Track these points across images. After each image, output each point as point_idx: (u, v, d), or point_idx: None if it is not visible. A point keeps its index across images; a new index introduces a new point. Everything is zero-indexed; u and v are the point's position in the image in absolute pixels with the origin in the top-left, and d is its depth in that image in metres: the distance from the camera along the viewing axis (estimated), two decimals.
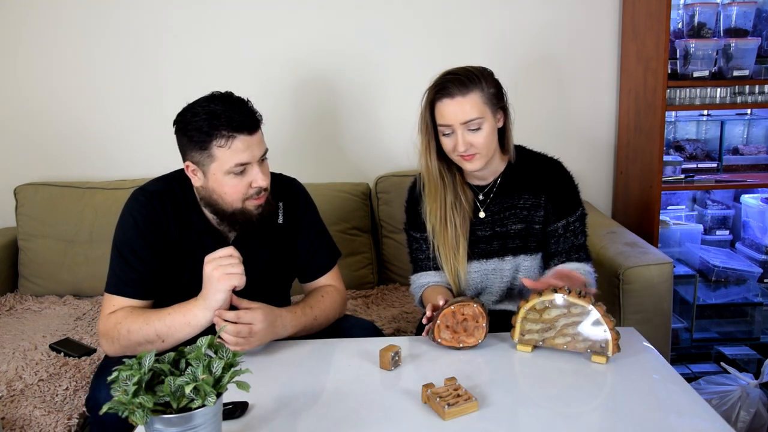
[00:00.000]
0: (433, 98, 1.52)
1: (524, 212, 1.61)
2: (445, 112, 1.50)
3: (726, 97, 2.29)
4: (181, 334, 1.38)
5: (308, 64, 2.47)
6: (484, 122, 1.50)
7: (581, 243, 1.61)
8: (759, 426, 1.99)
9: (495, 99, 1.52)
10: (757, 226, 2.48)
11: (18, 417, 1.54)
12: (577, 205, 1.62)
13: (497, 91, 1.54)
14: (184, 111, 1.44)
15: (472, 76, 1.50)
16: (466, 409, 1.15)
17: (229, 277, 1.32)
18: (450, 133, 1.51)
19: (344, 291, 1.66)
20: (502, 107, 1.55)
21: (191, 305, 1.37)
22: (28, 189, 2.39)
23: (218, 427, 1.02)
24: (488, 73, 1.54)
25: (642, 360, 1.35)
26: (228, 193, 1.43)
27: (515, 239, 1.61)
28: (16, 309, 2.24)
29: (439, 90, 1.50)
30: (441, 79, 1.52)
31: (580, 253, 1.60)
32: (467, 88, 1.48)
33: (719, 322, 2.40)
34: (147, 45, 2.45)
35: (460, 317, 1.39)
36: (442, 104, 1.50)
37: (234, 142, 1.39)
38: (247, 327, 1.34)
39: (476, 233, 1.63)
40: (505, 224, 1.61)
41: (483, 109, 1.49)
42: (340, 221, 2.32)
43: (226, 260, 1.33)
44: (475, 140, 1.50)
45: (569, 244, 1.60)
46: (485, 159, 1.53)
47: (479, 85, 1.49)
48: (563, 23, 2.48)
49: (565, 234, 1.60)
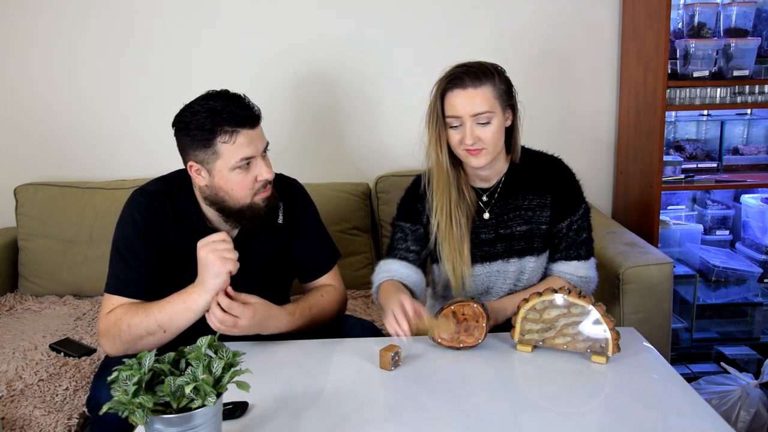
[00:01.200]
0: (444, 89, 1.50)
1: (529, 213, 1.59)
2: (456, 103, 1.48)
3: (726, 97, 2.29)
4: (181, 322, 1.38)
5: (308, 64, 2.47)
6: (494, 117, 1.49)
7: (582, 239, 1.60)
8: (759, 426, 1.99)
9: (506, 96, 1.52)
10: (757, 226, 2.48)
11: (18, 417, 1.54)
12: (581, 201, 1.61)
13: (508, 88, 1.53)
14: (183, 111, 1.44)
15: (485, 70, 1.49)
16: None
17: (225, 260, 1.32)
18: (458, 126, 1.50)
19: (344, 291, 1.67)
20: (512, 106, 1.55)
21: (190, 291, 1.38)
22: (28, 189, 2.39)
23: (218, 427, 1.02)
24: (501, 70, 1.54)
25: (642, 360, 1.35)
26: (235, 189, 1.44)
27: (520, 241, 1.60)
28: (16, 309, 2.24)
29: (452, 80, 1.49)
30: (453, 70, 1.50)
31: (579, 250, 1.59)
32: (480, 80, 1.47)
33: (719, 322, 2.40)
34: (147, 45, 2.45)
35: (460, 317, 1.39)
36: (453, 95, 1.48)
37: (238, 137, 1.40)
38: (232, 319, 1.34)
39: (480, 236, 1.61)
40: (509, 226, 1.60)
41: (494, 104, 1.48)
42: (340, 221, 2.31)
43: (221, 245, 1.34)
44: (483, 134, 1.48)
45: (570, 241, 1.59)
46: (491, 156, 1.52)
47: (492, 78, 1.49)
48: (563, 23, 2.48)
49: (568, 233, 1.59)
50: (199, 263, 1.35)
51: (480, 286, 1.63)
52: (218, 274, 1.33)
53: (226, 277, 1.34)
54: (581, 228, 1.60)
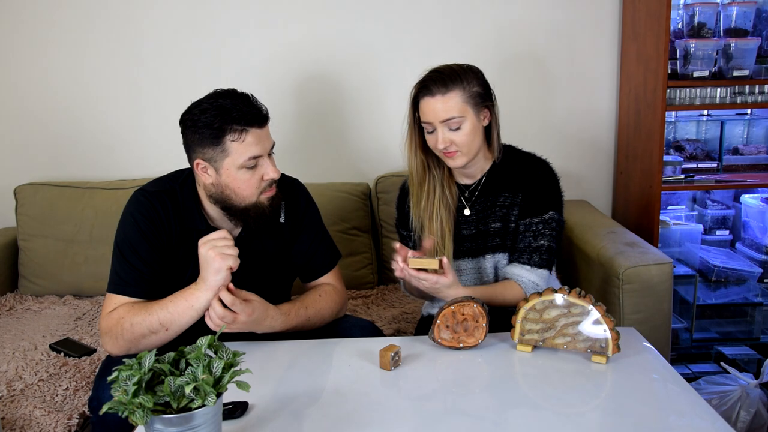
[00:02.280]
0: (416, 95, 1.55)
1: (503, 210, 1.61)
2: (425, 110, 1.52)
3: (726, 97, 2.29)
4: (184, 320, 1.39)
5: (308, 65, 2.47)
6: (465, 121, 1.51)
7: (538, 246, 1.56)
8: (759, 426, 1.99)
9: (479, 98, 1.53)
10: (757, 226, 2.48)
11: (18, 417, 1.54)
12: (549, 208, 1.57)
13: (483, 89, 1.54)
14: (191, 108, 1.44)
15: (454, 75, 1.51)
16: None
17: (225, 257, 1.33)
18: (432, 131, 1.54)
19: (344, 291, 1.66)
20: (488, 106, 1.56)
21: (192, 289, 1.39)
22: (28, 189, 2.39)
23: (218, 427, 1.02)
24: (474, 71, 1.55)
25: (642, 360, 1.35)
26: (242, 188, 1.44)
27: (495, 237, 1.62)
28: (16, 309, 2.24)
29: (421, 88, 1.53)
30: (425, 76, 1.54)
31: (533, 256, 1.56)
32: (447, 87, 1.50)
33: (719, 322, 2.40)
34: (147, 45, 2.45)
35: (460, 317, 1.39)
36: (423, 102, 1.53)
37: (246, 136, 1.41)
38: (232, 315, 1.35)
39: (462, 232, 1.64)
40: (486, 222, 1.62)
41: (463, 108, 1.51)
42: (340, 221, 2.32)
43: (221, 242, 1.35)
44: (455, 138, 1.52)
45: (526, 243, 1.58)
46: (467, 157, 1.55)
47: (460, 84, 1.51)
48: (563, 23, 2.48)
49: (525, 233, 1.58)
50: (200, 261, 1.36)
51: (469, 282, 1.65)
52: (218, 270, 1.34)
53: (227, 274, 1.35)
54: (539, 233, 1.56)
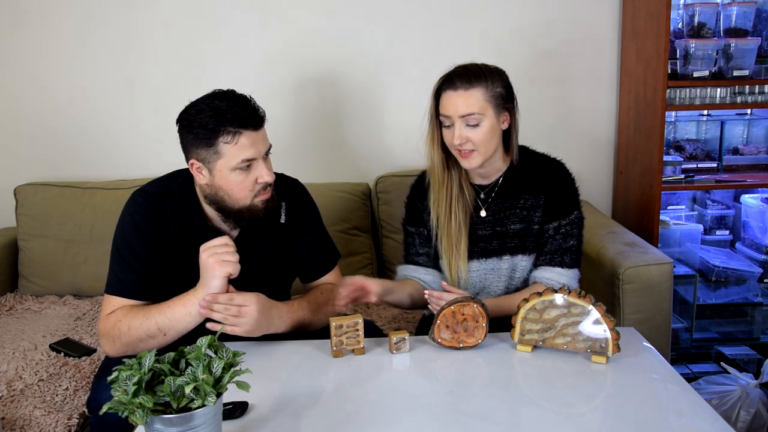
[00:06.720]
0: (438, 88, 1.55)
1: (524, 212, 1.61)
2: (446, 103, 1.53)
3: (726, 97, 2.29)
4: (182, 325, 1.39)
5: (308, 65, 2.47)
6: (484, 119, 1.51)
7: (569, 246, 1.59)
8: (759, 426, 1.99)
9: (501, 99, 1.53)
10: (757, 226, 2.48)
11: (18, 417, 1.54)
12: (573, 208, 1.61)
13: (506, 92, 1.55)
14: (188, 108, 1.44)
15: (479, 72, 1.52)
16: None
17: (224, 263, 1.34)
18: (450, 125, 1.54)
19: None
20: (509, 109, 1.56)
21: (190, 295, 1.39)
22: (28, 189, 2.39)
23: (218, 427, 1.02)
24: (499, 73, 1.56)
25: (642, 360, 1.35)
26: (235, 190, 1.44)
27: (514, 239, 1.62)
28: (16, 309, 2.24)
29: (445, 81, 1.54)
30: (450, 71, 1.55)
31: (564, 257, 1.59)
32: (470, 83, 1.50)
33: (719, 322, 2.40)
34: (147, 45, 2.45)
35: (460, 317, 1.39)
36: (445, 95, 1.53)
37: (240, 138, 1.40)
38: (236, 307, 1.35)
39: (477, 232, 1.63)
40: (504, 224, 1.62)
41: (484, 106, 1.51)
42: (340, 221, 2.32)
43: (222, 248, 1.35)
44: (471, 135, 1.51)
45: (556, 246, 1.59)
46: (482, 158, 1.54)
47: (484, 81, 1.51)
48: (563, 23, 2.47)
49: (554, 236, 1.60)
50: (201, 267, 1.37)
51: (477, 283, 1.65)
52: (216, 277, 1.34)
53: (224, 281, 1.35)
54: (569, 234, 1.60)
